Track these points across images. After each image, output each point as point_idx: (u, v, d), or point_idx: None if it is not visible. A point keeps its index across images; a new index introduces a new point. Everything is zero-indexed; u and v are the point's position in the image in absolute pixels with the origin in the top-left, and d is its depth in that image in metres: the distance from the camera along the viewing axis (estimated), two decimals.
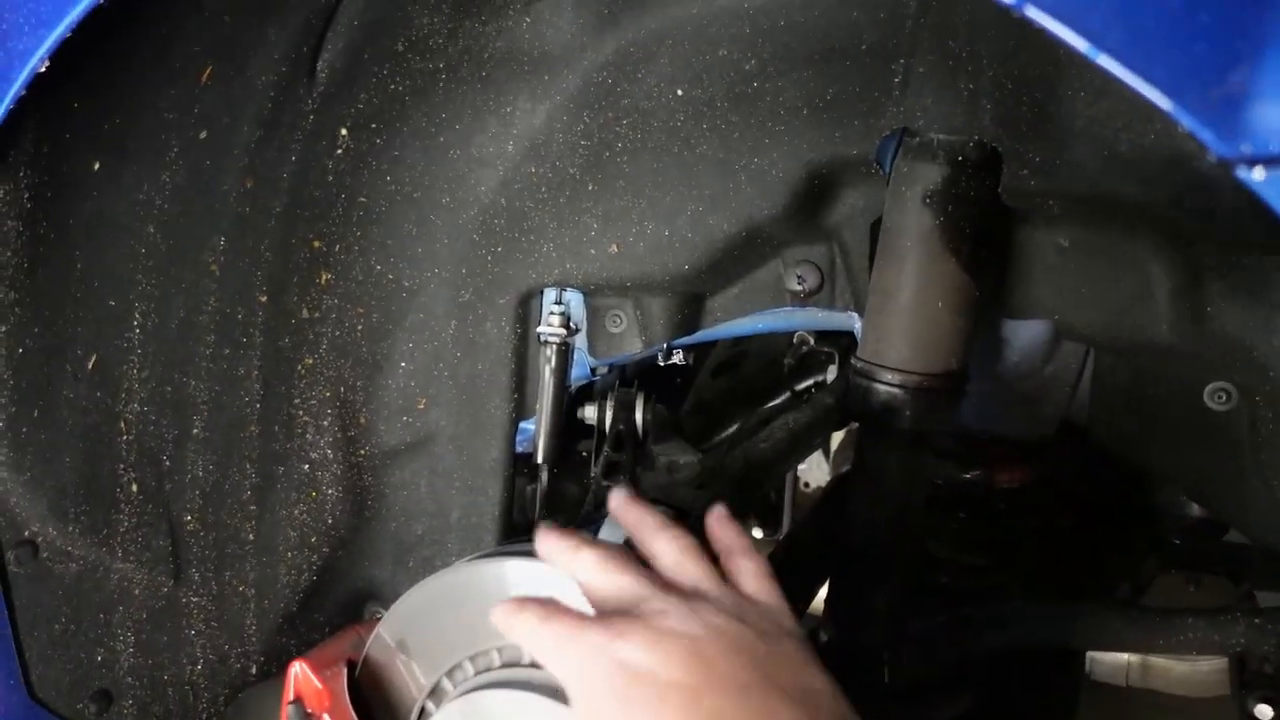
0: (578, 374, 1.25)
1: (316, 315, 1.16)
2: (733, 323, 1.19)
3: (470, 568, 0.86)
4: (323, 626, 1.28)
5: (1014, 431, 1.18)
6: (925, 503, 1.02)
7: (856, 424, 1.24)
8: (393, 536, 1.27)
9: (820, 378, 1.37)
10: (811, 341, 1.40)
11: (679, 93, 1.02)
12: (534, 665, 0.81)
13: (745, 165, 1.02)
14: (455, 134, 1.10)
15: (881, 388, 0.96)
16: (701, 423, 1.42)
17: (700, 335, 1.21)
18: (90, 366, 0.97)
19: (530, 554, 0.82)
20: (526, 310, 1.19)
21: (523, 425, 1.23)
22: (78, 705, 1.04)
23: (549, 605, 0.73)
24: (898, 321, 0.96)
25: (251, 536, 1.18)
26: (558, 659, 0.70)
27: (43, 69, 0.68)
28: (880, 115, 0.95)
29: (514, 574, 0.84)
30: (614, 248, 1.10)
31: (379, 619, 0.93)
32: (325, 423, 1.20)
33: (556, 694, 0.75)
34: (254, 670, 1.22)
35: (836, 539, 1.09)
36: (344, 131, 1.08)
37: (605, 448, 1.27)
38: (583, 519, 1.09)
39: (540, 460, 1.22)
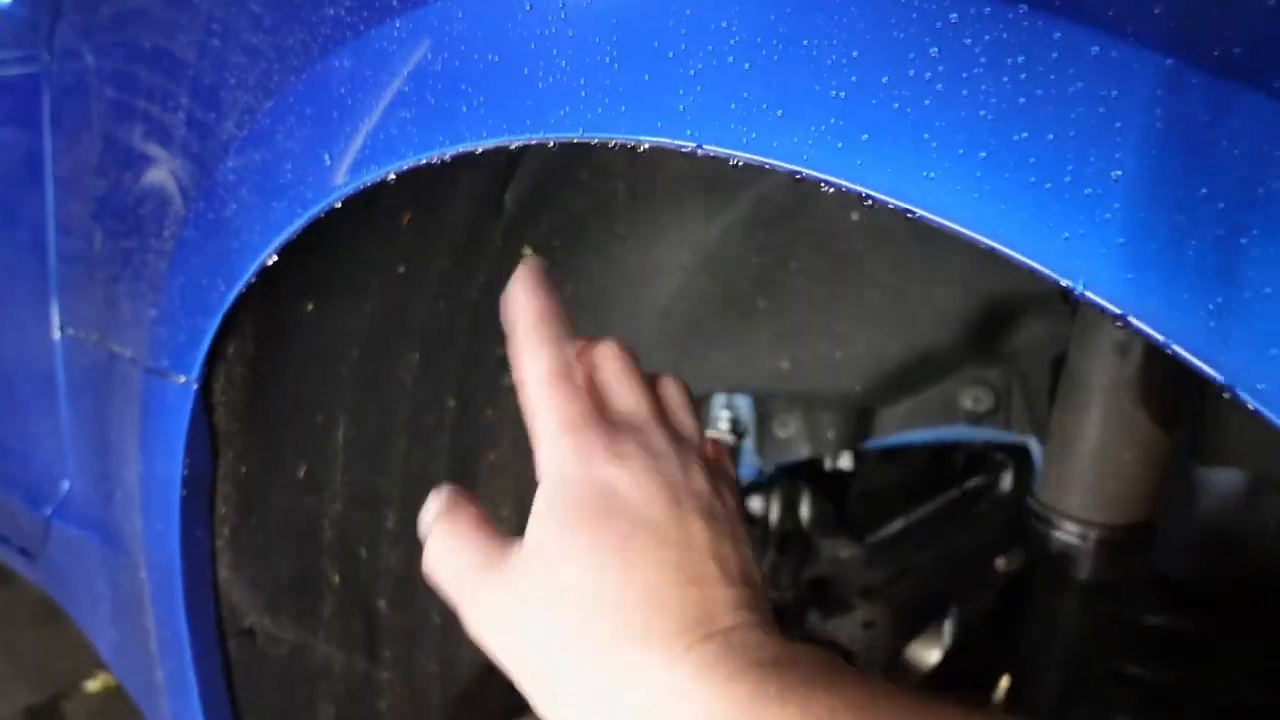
0: (744, 473, 1.26)
1: (500, 415, 1.23)
2: (902, 434, 1.18)
3: None
4: (499, 699, 1.36)
5: (1212, 579, 1.11)
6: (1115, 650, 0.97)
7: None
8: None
9: (991, 478, 1.33)
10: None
11: (854, 217, 1.01)
12: None
13: (922, 294, 1.00)
14: (633, 245, 1.14)
15: (1060, 535, 0.92)
16: (866, 510, 1.40)
17: (868, 445, 1.20)
18: (301, 475, 1.06)
19: None
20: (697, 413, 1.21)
21: None
22: None
23: (566, 356, 0.64)
24: (1080, 469, 0.92)
25: (438, 620, 1.26)
26: (551, 438, 0.61)
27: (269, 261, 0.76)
28: None
29: None
30: (785, 363, 1.11)
31: None
32: (505, 513, 1.27)
33: None
34: None
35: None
36: (527, 250, 1.14)
37: (770, 546, 1.28)
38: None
39: None
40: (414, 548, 1.25)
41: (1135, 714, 1.02)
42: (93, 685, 2.70)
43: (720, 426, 1.19)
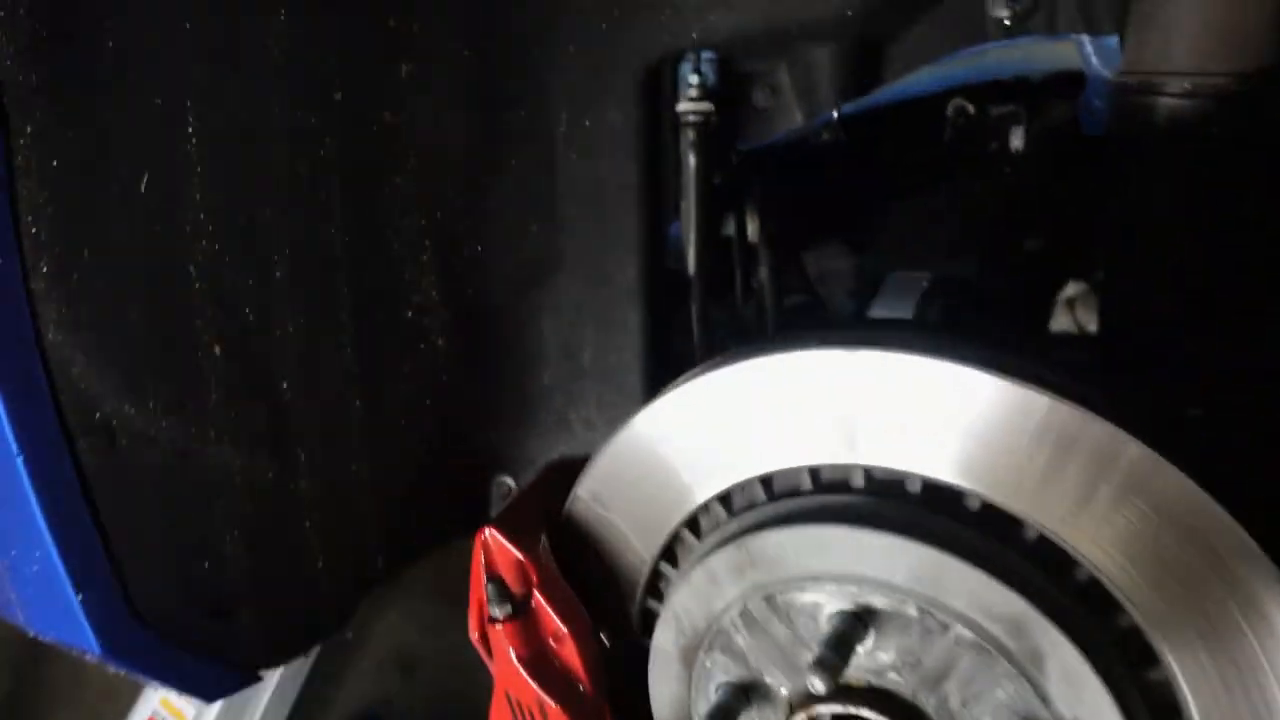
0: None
1: (402, 119, 0.92)
2: (919, 74, 0.96)
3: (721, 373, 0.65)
4: (447, 509, 1.08)
5: None
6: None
7: None
8: (515, 390, 1.06)
9: (994, 146, 1.14)
10: (972, 110, 1.17)
11: None
12: (820, 490, 0.61)
13: None
14: None
15: (1168, 101, 0.74)
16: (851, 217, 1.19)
17: (876, 97, 0.98)
18: (143, 187, 0.73)
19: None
20: (654, 88, 0.95)
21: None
22: (187, 622, 0.85)
23: None
24: (1186, 11, 0.73)
25: (358, 403, 0.97)
26: None
27: None
28: None
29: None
30: None
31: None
32: (425, 257, 0.98)
33: (863, 519, 0.56)
34: (380, 562, 1.03)
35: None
36: None
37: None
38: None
39: (692, 272, 1.00)
40: (314, 305, 0.95)
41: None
42: None
43: (691, 95, 0.94)
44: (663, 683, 0.70)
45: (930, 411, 0.60)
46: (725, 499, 0.68)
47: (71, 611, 0.78)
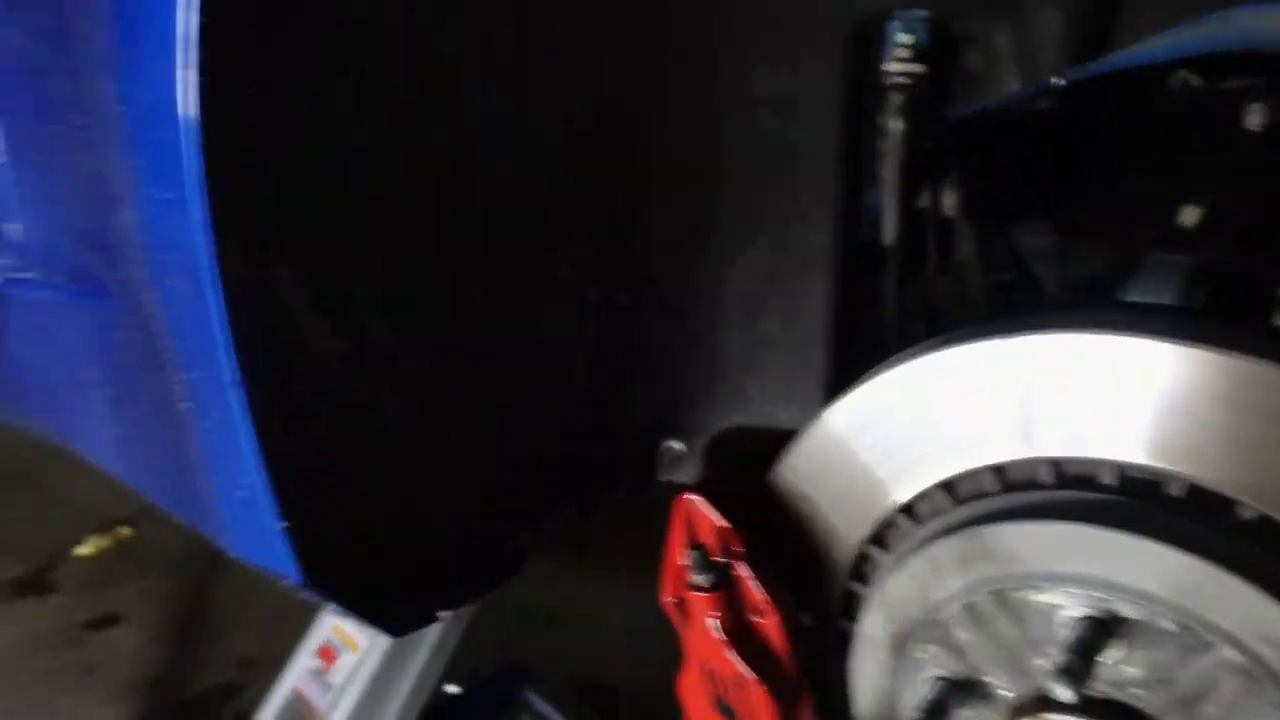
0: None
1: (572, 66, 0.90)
2: (1151, 42, 0.88)
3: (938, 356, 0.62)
4: (613, 470, 1.08)
5: None
6: None
7: None
8: (689, 356, 1.04)
9: (1224, 123, 1.05)
10: (1197, 83, 1.07)
11: None
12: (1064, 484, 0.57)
13: None
14: None
15: None
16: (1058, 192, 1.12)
17: (1101, 65, 0.91)
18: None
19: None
20: (860, 47, 0.91)
21: None
22: (379, 558, 0.87)
23: None
24: None
25: (521, 358, 0.97)
26: None
27: None
28: None
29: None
30: None
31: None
32: (589, 214, 0.96)
33: (1119, 520, 0.52)
34: (549, 516, 1.03)
35: None
36: None
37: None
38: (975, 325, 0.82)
39: (888, 243, 0.96)
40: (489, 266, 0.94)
41: None
42: (82, 550, 2.44)
43: (900, 57, 0.89)
44: (866, 669, 0.68)
45: (1215, 410, 0.54)
46: (949, 485, 0.65)
47: (274, 538, 0.81)
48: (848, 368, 0.97)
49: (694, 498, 0.70)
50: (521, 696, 1.54)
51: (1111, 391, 0.58)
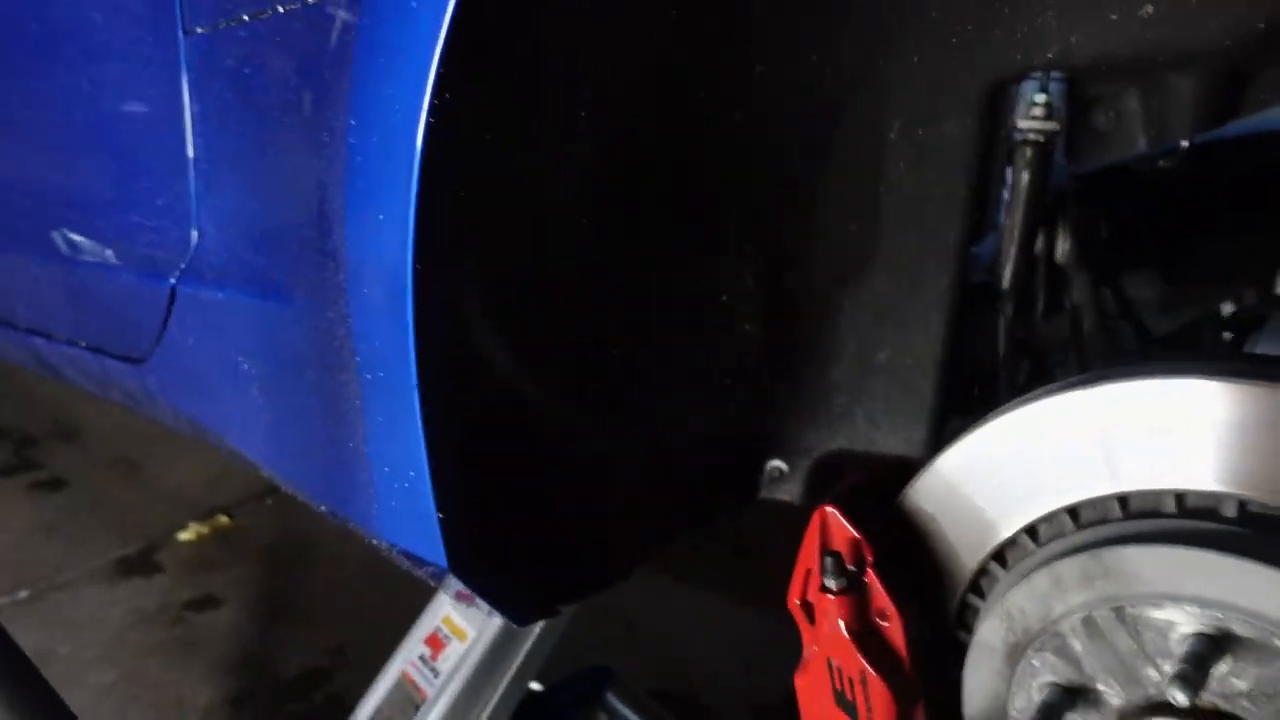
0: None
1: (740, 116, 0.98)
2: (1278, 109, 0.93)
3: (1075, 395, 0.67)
4: (722, 486, 1.15)
5: None
6: None
7: None
8: (802, 381, 1.11)
9: None
10: None
11: None
12: (1185, 514, 0.62)
13: None
14: None
15: None
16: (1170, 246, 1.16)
17: (1227, 129, 0.96)
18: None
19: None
20: (994, 103, 0.96)
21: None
22: (518, 551, 0.95)
23: None
24: None
25: (672, 377, 1.04)
26: None
27: None
28: None
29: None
30: (1148, 8, 0.85)
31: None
32: (748, 246, 1.03)
33: (1239, 548, 0.57)
34: (669, 523, 1.10)
35: None
36: None
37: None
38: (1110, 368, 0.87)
39: (1006, 287, 1.01)
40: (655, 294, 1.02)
41: None
42: (185, 535, 2.56)
43: (1034, 115, 0.94)
44: (980, 675, 0.73)
45: None
46: (1073, 511, 0.70)
47: (430, 527, 0.89)
48: (952, 400, 1.03)
49: (833, 510, 0.76)
50: (602, 697, 1.59)
51: (1229, 434, 0.63)
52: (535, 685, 1.52)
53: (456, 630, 1.32)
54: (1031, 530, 0.72)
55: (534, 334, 0.86)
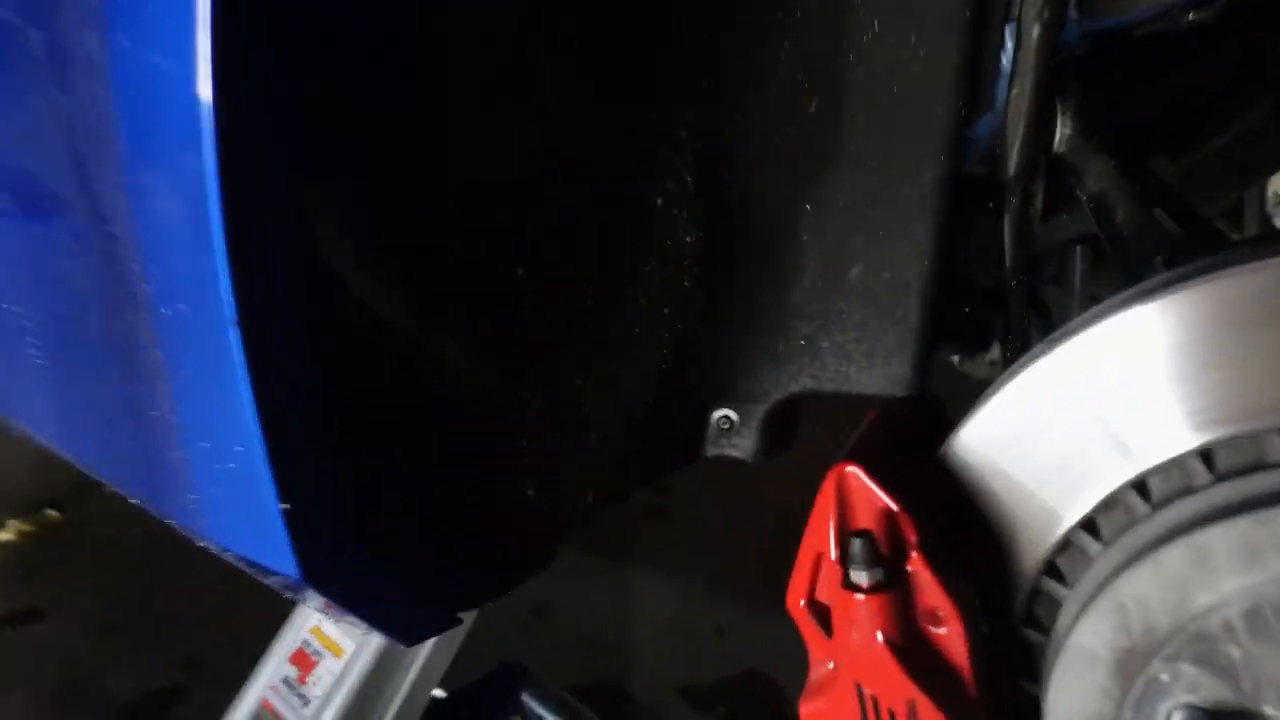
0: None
1: None
2: None
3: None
4: (662, 442, 0.92)
5: None
6: None
7: None
8: (753, 307, 0.89)
9: None
10: None
11: None
12: None
13: None
14: None
15: None
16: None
17: None
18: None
19: None
20: None
21: None
22: (402, 549, 0.70)
23: None
24: None
25: (590, 303, 0.81)
26: None
27: None
28: None
29: None
30: None
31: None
32: (682, 133, 0.80)
33: None
34: (589, 497, 0.87)
35: None
36: None
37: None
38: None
39: (1013, 174, 0.81)
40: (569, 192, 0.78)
41: None
42: (3, 535, 2.24)
43: None
44: (1072, 692, 0.53)
45: None
46: (1205, 454, 0.50)
47: (269, 523, 0.63)
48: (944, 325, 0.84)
49: (855, 469, 0.54)
50: (516, 699, 1.40)
51: None
52: (438, 692, 1.31)
53: (330, 645, 1.06)
54: (1140, 486, 0.52)
55: (410, 238, 0.60)
